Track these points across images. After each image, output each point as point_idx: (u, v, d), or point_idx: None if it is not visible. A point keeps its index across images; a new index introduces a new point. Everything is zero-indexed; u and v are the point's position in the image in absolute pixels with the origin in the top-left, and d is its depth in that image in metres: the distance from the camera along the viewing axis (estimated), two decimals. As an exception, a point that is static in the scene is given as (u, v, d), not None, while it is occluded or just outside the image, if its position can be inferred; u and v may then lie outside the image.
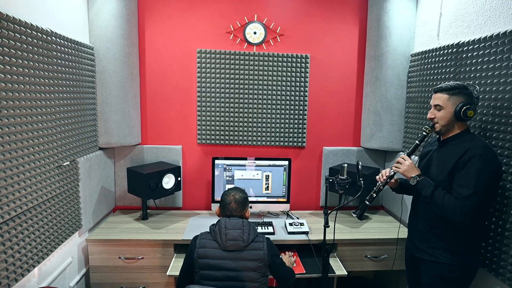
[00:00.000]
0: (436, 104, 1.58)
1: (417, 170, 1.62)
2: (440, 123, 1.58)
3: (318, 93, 2.67)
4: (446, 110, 1.55)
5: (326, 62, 2.64)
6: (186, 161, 2.67)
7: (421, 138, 1.67)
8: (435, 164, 1.61)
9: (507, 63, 1.54)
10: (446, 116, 1.55)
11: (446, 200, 1.47)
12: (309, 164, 2.74)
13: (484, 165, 1.42)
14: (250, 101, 2.60)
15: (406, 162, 1.64)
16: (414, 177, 1.59)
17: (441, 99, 1.56)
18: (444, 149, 1.61)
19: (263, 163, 2.49)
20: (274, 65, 2.58)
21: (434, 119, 1.60)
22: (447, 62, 1.99)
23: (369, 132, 2.59)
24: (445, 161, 1.56)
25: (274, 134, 2.65)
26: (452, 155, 1.52)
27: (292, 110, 2.63)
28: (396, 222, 2.52)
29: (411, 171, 1.62)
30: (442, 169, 1.55)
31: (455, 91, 1.53)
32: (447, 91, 1.55)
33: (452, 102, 1.53)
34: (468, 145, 1.49)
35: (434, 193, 1.51)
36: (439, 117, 1.58)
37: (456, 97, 1.53)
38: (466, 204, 1.42)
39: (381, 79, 2.46)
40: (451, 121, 1.56)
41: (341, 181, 1.75)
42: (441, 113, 1.56)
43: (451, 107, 1.54)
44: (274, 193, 2.52)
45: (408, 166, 1.63)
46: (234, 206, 1.67)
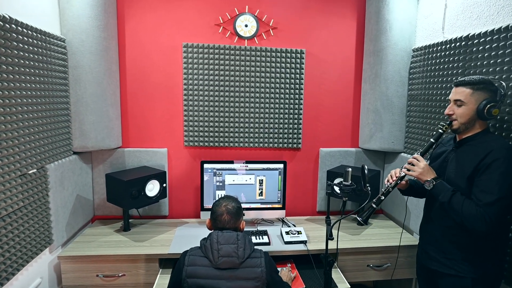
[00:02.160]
0: (457, 99, 1.42)
1: (433, 173, 1.47)
2: (460, 121, 1.43)
3: (314, 90, 2.50)
4: (468, 107, 1.39)
5: (322, 57, 2.47)
6: (172, 166, 2.45)
7: (436, 136, 1.51)
8: (452, 166, 1.46)
9: (527, 55, 1.41)
10: (467, 113, 1.40)
11: (466, 207, 1.31)
12: (305, 166, 2.56)
13: (508, 168, 1.27)
14: (242, 100, 2.40)
15: (420, 164, 1.48)
16: (430, 180, 1.43)
17: (463, 93, 1.40)
18: (462, 150, 1.46)
19: (256, 166, 2.30)
20: (267, 61, 2.39)
21: (453, 116, 1.45)
22: (454, 56, 1.85)
23: (368, 132, 2.44)
24: (464, 163, 1.40)
25: (267, 135, 2.47)
26: (472, 157, 1.37)
27: (286, 109, 2.45)
28: (398, 227, 2.37)
29: (426, 174, 1.46)
30: (460, 172, 1.40)
31: (480, 86, 1.37)
32: (470, 86, 1.39)
33: (475, 98, 1.38)
34: (490, 146, 1.34)
35: (452, 199, 1.36)
36: (459, 114, 1.42)
37: (480, 92, 1.37)
38: (489, 212, 1.27)
39: (381, 76, 2.31)
40: (472, 119, 1.41)
41: (346, 187, 1.58)
42: (462, 109, 1.41)
43: (474, 103, 1.38)
44: (269, 198, 2.33)
45: (423, 168, 1.47)
46: (226, 218, 1.47)
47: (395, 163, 2.43)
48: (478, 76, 1.40)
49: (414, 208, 2.15)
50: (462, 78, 1.43)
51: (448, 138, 1.63)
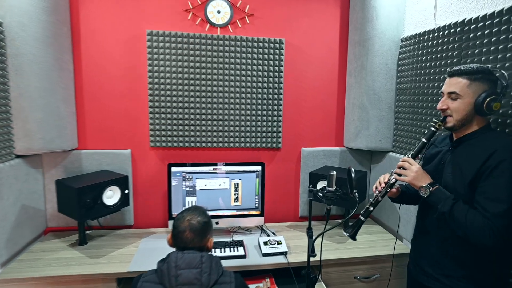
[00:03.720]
0: (451, 91, 1.22)
1: (428, 177, 1.26)
2: (455, 117, 1.23)
3: (295, 84, 2.27)
4: (464, 100, 1.20)
5: (303, 48, 2.25)
6: (137, 169, 2.18)
7: (428, 135, 1.31)
8: (449, 170, 1.26)
9: (535, 40, 1.22)
10: (463, 108, 1.20)
11: (471, 218, 1.12)
12: (285, 168, 2.34)
13: None
14: (215, 95, 2.16)
15: (413, 167, 1.27)
16: (426, 186, 1.23)
17: (459, 85, 1.20)
18: (460, 150, 1.26)
19: (231, 169, 2.06)
20: (243, 51, 2.15)
21: (447, 111, 1.25)
22: (448, 44, 1.66)
23: (353, 130, 2.23)
24: (463, 166, 1.21)
25: (244, 134, 2.23)
26: (472, 159, 1.18)
27: (265, 105, 2.22)
28: (386, 233, 2.18)
29: (421, 178, 1.25)
30: (460, 177, 1.20)
31: (478, 76, 1.18)
32: (467, 75, 1.19)
33: (473, 90, 1.18)
34: (493, 145, 1.14)
35: (454, 208, 1.16)
36: (453, 109, 1.22)
37: (479, 83, 1.18)
38: (498, 224, 1.07)
39: (367, 68, 2.11)
40: (469, 115, 1.21)
41: (330, 193, 1.36)
42: (457, 103, 1.21)
43: (471, 96, 1.19)
44: (245, 204, 2.10)
45: (416, 172, 1.26)
46: (189, 236, 1.22)
47: (383, 163, 2.24)
48: (475, 65, 1.20)
49: (404, 213, 1.96)
50: (457, 67, 1.23)
51: (442, 137, 1.43)
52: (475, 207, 1.14)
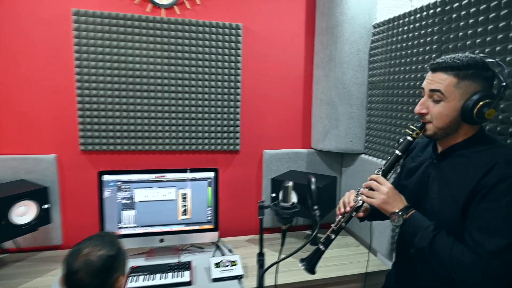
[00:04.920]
0: (434, 88, 0.93)
1: (402, 200, 0.99)
2: (436, 124, 0.94)
3: (255, 77, 1.97)
4: (449, 104, 0.91)
5: (264, 35, 1.96)
6: (66, 178, 1.81)
7: (403, 146, 1.03)
8: (435, 190, 0.99)
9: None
10: (447, 114, 0.92)
11: (458, 257, 0.84)
12: (245, 173, 2.04)
13: None
14: (159, 89, 1.82)
15: (382, 188, 1.00)
16: (399, 213, 0.96)
17: (444, 83, 0.91)
18: (448, 164, 0.98)
19: (177, 176, 1.73)
20: (192, 38, 1.82)
21: (426, 116, 0.97)
22: (427, 29, 1.42)
23: (322, 129, 1.96)
24: (454, 186, 0.93)
25: (195, 135, 1.90)
26: (465, 177, 0.90)
27: (219, 100, 1.90)
28: (359, 245, 1.93)
29: (392, 202, 0.98)
30: (450, 201, 0.93)
31: (468, 72, 0.88)
32: (455, 71, 0.89)
33: (461, 90, 0.89)
34: (491, 158, 0.87)
35: (435, 242, 0.89)
36: (435, 114, 0.94)
37: (469, 82, 0.89)
38: (494, 264, 0.80)
39: (335, 58, 1.85)
40: (454, 122, 0.92)
41: (283, 210, 1.06)
42: (440, 107, 0.92)
43: (458, 98, 0.90)
44: (196, 218, 1.78)
45: (386, 194, 0.98)
46: (84, 279, 0.88)
47: (354, 167, 1.98)
48: (465, 55, 0.90)
49: (378, 224, 1.70)
50: (441, 59, 0.93)
51: (424, 143, 1.15)
52: (466, 239, 0.87)
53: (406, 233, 0.97)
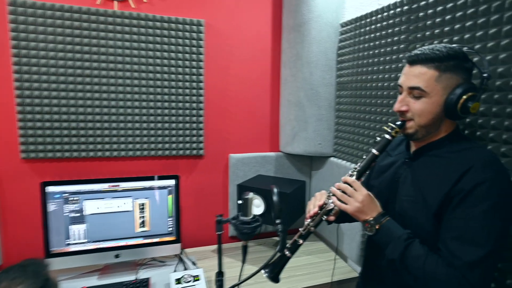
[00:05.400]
0: (413, 86, 0.86)
1: (376, 207, 0.92)
2: (418, 121, 0.88)
3: (219, 76, 1.86)
4: (432, 99, 0.85)
5: (228, 32, 1.84)
6: (5, 190, 1.60)
7: (381, 145, 0.95)
8: (406, 192, 0.93)
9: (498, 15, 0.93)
10: (429, 110, 0.86)
11: (432, 269, 0.79)
12: (210, 179, 1.92)
13: (500, 199, 0.77)
14: (112, 89, 1.66)
15: (357, 195, 0.91)
16: (372, 222, 0.89)
17: (424, 77, 0.84)
18: (421, 165, 0.93)
19: (133, 185, 1.58)
20: (149, 34, 1.68)
21: (407, 114, 0.90)
22: (394, 28, 1.37)
23: (290, 132, 1.88)
24: (427, 189, 0.87)
25: (154, 139, 1.76)
26: (439, 179, 0.85)
27: (180, 102, 1.77)
28: (330, 251, 1.87)
29: (367, 209, 0.90)
30: (421, 204, 0.87)
31: (450, 64, 0.83)
32: (435, 63, 0.83)
33: (443, 84, 0.84)
34: (466, 159, 0.82)
35: (407, 254, 0.82)
36: (417, 111, 0.87)
37: (451, 74, 0.83)
38: (471, 277, 0.75)
39: (303, 57, 1.77)
40: (437, 119, 0.87)
41: (243, 225, 0.96)
42: (422, 103, 0.86)
43: (440, 93, 0.84)
44: (155, 230, 1.64)
45: (362, 202, 0.90)
46: None
47: (323, 170, 1.92)
48: (443, 45, 0.85)
49: (347, 228, 1.65)
50: (419, 50, 0.87)
51: (397, 141, 1.09)
52: (440, 248, 0.81)
53: (378, 242, 0.90)
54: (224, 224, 1.02)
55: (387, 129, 0.94)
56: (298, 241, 1.02)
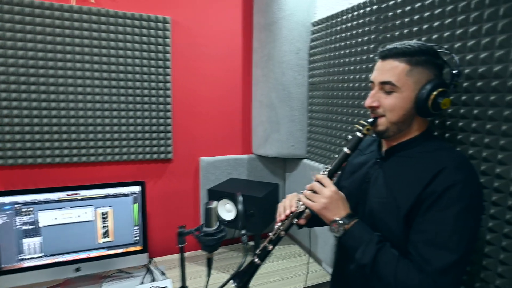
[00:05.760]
0: (384, 80, 0.84)
1: (345, 207, 0.88)
2: (389, 117, 0.86)
3: (188, 77, 1.78)
4: (403, 94, 0.83)
5: (197, 31, 1.77)
6: (-51, 200, 1.45)
7: (353, 143, 0.92)
8: (376, 193, 0.90)
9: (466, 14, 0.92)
10: (401, 106, 0.84)
11: (404, 276, 0.76)
12: (180, 184, 1.83)
13: (472, 202, 0.76)
14: (71, 90, 1.54)
15: (324, 191, 0.87)
16: (340, 222, 0.85)
17: (395, 71, 0.83)
18: (392, 165, 0.90)
19: (94, 193, 1.48)
20: (111, 31, 1.57)
21: (378, 110, 0.88)
22: (364, 27, 1.34)
23: (262, 134, 1.83)
24: (397, 190, 0.85)
25: (118, 143, 1.65)
26: (411, 180, 0.82)
27: (146, 103, 1.67)
28: (304, 254, 1.83)
29: (334, 208, 0.86)
30: (392, 206, 0.84)
31: (421, 59, 0.82)
32: (407, 57, 0.82)
33: (414, 78, 0.83)
34: (439, 160, 0.80)
35: (378, 259, 0.79)
36: (388, 106, 0.85)
37: (422, 69, 0.83)
38: (442, 283, 0.72)
39: (274, 57, 1.72)
40: (408, 115, 0.85)
41: (206, 237, 0.89)
42: (393, 98, 0.84)
43: (412, 88, 0.83)
44: (120, 240, 1.54)
45: (329, 198, 0.86)
46: None
47: (297, 172, 1.88)
48: (415, 42, 0.85)
49: (321, 231, 1.62)
50: (391, 45, 0.86)
51: (368, 141, 1.07)
52: (411, 252, 0.78)
53: (346, 245, 0.87)
54: (186, 236, 0.95)
55: (358, 126, 0.91)
56: (268, 247, 0.96)
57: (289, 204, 0.99)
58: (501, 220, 0.86)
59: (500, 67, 0.84)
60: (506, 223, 0.84)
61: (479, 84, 0.89)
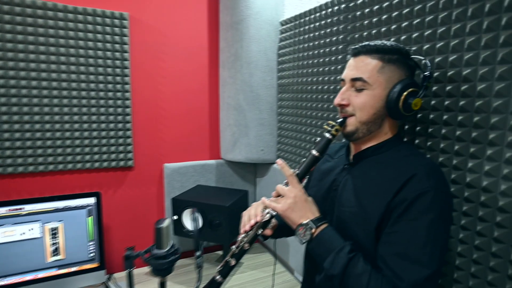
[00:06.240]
0: (356, 77, 0.80)
1: (312, 209, 0.81)
2: (359, 116, 0.81)
3: (149, 78, 1.66)
4: (374, 92, 0.79)
5: (159, 28, 1.65)
6: None
7: (321, 145, 0.84)
8: (345, 202, 0.84)
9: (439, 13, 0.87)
10: (371, 104, 0.79)
11: None
12: (142, 193, 1.71)
13: (443, 210, 0.71)
14: (13, 93, 1.38)
15: (290, 191, 0.80)
16: (307, 225, 0.78)
17: (367, 68, 0.79)
18: (361, 172, 0.85)
19: (42, 207, 1.33)
20: (59, 27, 1.43)
21: (348, 108, 0.82)
22: (332, 27, 1.28)
23: (230, 138, 1.74)
24: (366, 199, 0.79)
25: (71, 150, 1.51)
26: (380, 187, 0.77)
27: (103, 107, 1.54)
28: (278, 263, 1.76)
29: (300, 210, 0.79)
30: (360, 215, 0.79)
31: (393, 57, 0.79)
32: (379, 54, 0.79)
33: (385, 76, 0.79)
34: (408, 167, 0.75)
35: (350, 269, 0.72)
36: (358, 105, 0.80)
37: (394, 68, 0.79)
38: None
39: (242, 58, 1.63)
40: (378, 115, 0.81)
41: (157, 261, 0.79)
42: (364, 96, 0.80)
43: (383, 86, 0.79)
44: (73, 257, 1.40)
45: (294, 198, 0.79)
46: None
47: (268, 177, 1.81)
48: (387, 41, 0.82)
49: (293, 239, 1.55)
50: (364, 42, 0.82)
51: (337, 146, 1.01)
52: (380, 266, 0.73)
53: (313, 253, 0.80)
54: (135, 259, 0.85)
55: (327, 127, 0.85)
56: (231, 262, 0.87)
57: (254, 213, 0.91)
58: (472, 231, 0.81)
59: (469, 71, 0.80)
60: (477, 234, 0.80)
61: (449, 88, 0.85)
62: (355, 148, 0.89)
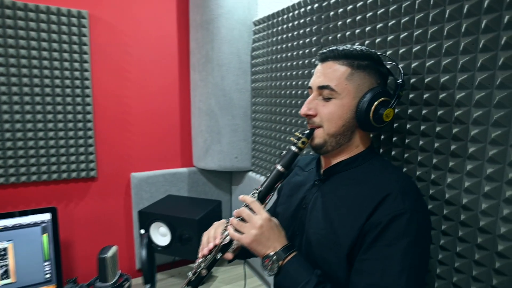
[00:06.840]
0: (323, 85, 0.72)
1: (280, 239, 0.73)
2: (327, 128, 0.73)
3: (113, 81, 1.54)
4: (343, 101, 0.72)
5: (122, 28, 1.53)
6: None
7: (287, 160, 0.77)
8: (315, 223, 0.76)
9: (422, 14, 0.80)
10: (340, 114, 0.72)
11: None
12: (108, 205, 1.59)
13: (419, 233, 0.64)
14: (-45, 98, 1.24)
15: (256, 219, 0.72)
16: (273, 257, 0.70)
17: (335, 74, 0.72)
18: (332, 188, 0.77)
19: (-12, 226, 1.20)
20: (8, 25, 1.29)
21: (315, 119, 0.74)
22: (305, 28, 1.20)
23: (202, 144, 1.64)
24: (338, 220, 0.71)
25: (25, 161, 1.37)
26: (352, 208, 0.70)
27: (60, 113, 1.41)
28: (253, 276, 1.67)
29: (267, 241, 0.71)
30: (330, 239, 0.71)
31: (363, 64, 0.72)
32: (349, 59, 0.72)
33: (355, 84, 0.71)
34: (382, 186, 0.68)
35: None
36: (325, 115, 0.73)
37: (364, 75, 0.72)
38: None
39: (213, 59, 1.54)
40: (348, 127, 0.73)
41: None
42: (332, 106, 0.72)
43: (352, 94, 0.72)
44: (25, 279, 1.26)
45: (260, 229, 0.71)
46: None
47: (243, 186, 1.72)
48: (358, 46, 0.74)
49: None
50: (333, 47, 0.74)
51: (309, 158, 0.94)
52: None
53: (279, 285, 0.71)
54: None
55: (293, 139, 0.77)
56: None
57: (213, 234, 0.82)
58: (452, 252, 0.75)
59: (448, 77, 0.73)
60: (457, 255, 0.74)
61: (426, 96, 0.78)
62: (325, 162, 0.81)
